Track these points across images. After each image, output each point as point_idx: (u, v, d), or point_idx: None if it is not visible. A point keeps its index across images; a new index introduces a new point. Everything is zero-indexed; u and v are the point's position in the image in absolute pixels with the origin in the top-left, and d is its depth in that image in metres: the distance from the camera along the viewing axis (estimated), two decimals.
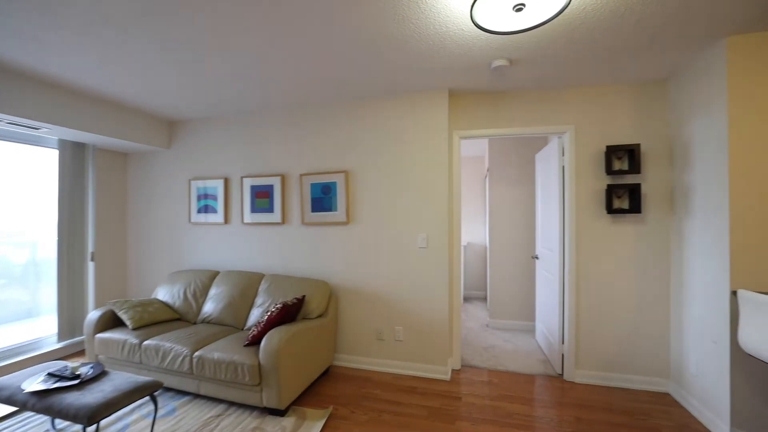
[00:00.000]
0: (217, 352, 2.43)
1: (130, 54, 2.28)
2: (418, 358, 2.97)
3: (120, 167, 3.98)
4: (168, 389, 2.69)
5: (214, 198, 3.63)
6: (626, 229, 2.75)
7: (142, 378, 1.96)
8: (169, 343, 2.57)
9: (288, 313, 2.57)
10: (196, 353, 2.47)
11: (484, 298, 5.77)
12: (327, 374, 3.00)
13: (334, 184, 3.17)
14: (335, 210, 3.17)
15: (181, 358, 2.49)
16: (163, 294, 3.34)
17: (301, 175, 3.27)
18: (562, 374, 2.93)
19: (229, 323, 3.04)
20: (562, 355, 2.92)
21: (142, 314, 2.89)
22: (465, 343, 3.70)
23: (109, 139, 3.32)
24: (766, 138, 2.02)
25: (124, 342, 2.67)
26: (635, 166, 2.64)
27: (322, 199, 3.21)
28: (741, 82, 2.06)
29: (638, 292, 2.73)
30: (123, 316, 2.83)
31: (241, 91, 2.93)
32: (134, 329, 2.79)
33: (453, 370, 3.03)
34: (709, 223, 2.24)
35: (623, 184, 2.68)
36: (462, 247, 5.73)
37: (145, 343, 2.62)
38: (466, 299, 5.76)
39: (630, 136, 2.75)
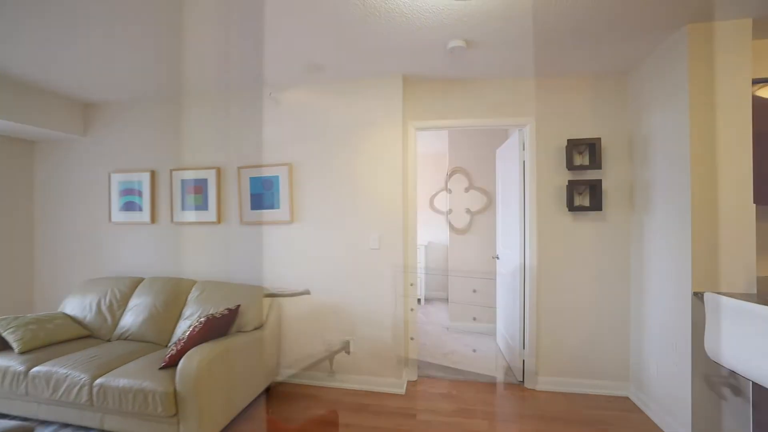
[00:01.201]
0: (124, 378, 2.01)
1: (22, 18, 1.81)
2: (371, 371, 2.68)
3: (24, 157, 3.36)
4: (66, 425, 2.22)
5: (139, 194, 3.14)
6: (587, 227, 2.62)
7: (4, 423, 1.53)
8: (65, 369, 2.10)
9: (214, 328, 2.20)
10: (98, 380, 2.03)
11: (446, 299, 5.61)
12: (267, 393, 2.64)
13: (276, 178, 2.81)
14: (278, 207, 2.81)
15: (77, 388, 2.03)
16: (72, 307, 2.82)
17: (239, 168, 2.88)
18: (523, 381, 2.76)
19: (150, 339, 2.61)
20: (523, 361, 2.76)
21: (35, 333, 2.37)
22: (423, 349, 3.46)
23: (4, 122, 2.74)
24: (728, 131, 1.92)
25: (5, 370, 2.16)
26: (596, 162, 2.52)
27: (263, 194, 2.84)
28: (702, 71, 1.96)
29: (599, 293, 2.61)
30: (8, 337, 2.30)
31: (164, 69, 2.49)
32: (22, 353, 2.27)
33: (409, 382, 2.78)
34: (670, 221, 2.13)
35: (584, 180, 2.55)
36: (423, 247, 5.54)
37: (34, 370, 2.13)
38: (428, 300, 5.57)
39: (591, 130, 2.62)
